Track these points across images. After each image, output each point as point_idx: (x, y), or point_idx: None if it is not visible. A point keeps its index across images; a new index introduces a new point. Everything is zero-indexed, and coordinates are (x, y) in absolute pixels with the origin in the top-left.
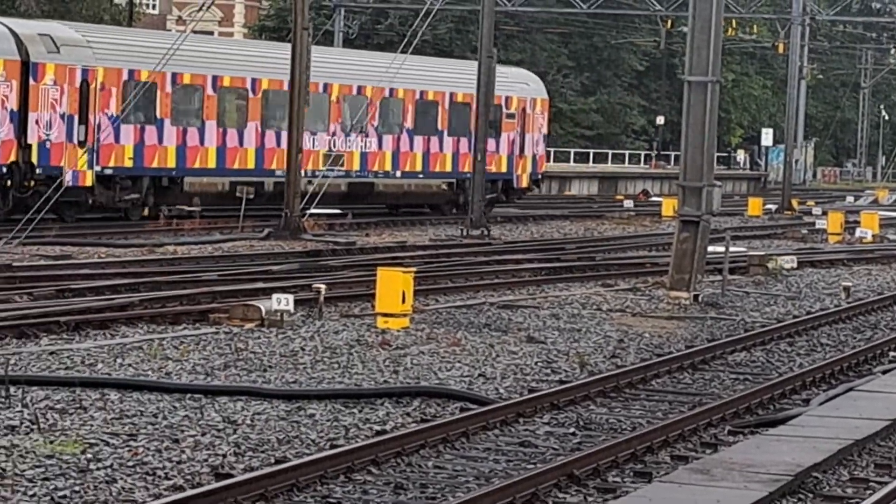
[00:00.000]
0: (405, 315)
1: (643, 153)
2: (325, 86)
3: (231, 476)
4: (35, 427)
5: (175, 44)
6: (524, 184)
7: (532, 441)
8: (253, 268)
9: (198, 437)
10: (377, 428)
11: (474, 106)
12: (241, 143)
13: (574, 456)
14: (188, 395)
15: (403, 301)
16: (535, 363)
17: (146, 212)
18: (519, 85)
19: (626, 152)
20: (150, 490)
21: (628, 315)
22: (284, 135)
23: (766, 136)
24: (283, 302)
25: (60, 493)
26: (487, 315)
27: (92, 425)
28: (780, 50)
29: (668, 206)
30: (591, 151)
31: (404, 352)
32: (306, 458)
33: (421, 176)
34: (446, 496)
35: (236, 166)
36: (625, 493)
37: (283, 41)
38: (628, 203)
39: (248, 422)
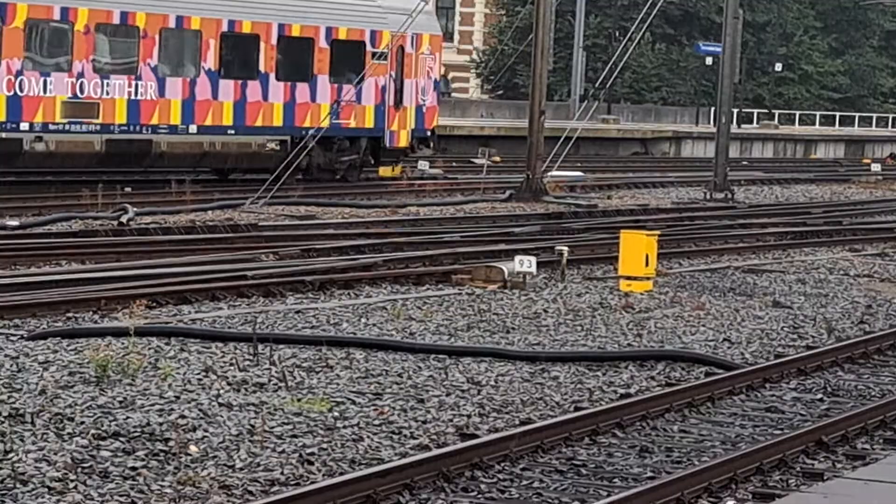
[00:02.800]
0: (648, 278)
1: (892, 116)
2: (65, 10)
3: (476, 436)
4: (283, 385)
5: None
6: (402, 142)
7: (778, 406)
8: (495, 229)
9: (442, 398)
10: (621, 391)
11: (319, 42)
12: None
13: (822, 422)
14: (432, 356)
15: (647, 264)
16: (781, 328)
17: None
18: (394, 16)
19: (874, 115)
20: (396, 449)
21: (877, 280)
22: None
23: None
24: (525, 264)
25: (308, 450)
26: (732, 279)
27: (338, 384)
28: None
29: None
30: (838, 114)
31: (648, 315)
32: (551, 420)
33: (232, 132)
34: (692, 460)
35: None
36: (874, 461)
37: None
38: (876, 167)
39: (492, 383)
